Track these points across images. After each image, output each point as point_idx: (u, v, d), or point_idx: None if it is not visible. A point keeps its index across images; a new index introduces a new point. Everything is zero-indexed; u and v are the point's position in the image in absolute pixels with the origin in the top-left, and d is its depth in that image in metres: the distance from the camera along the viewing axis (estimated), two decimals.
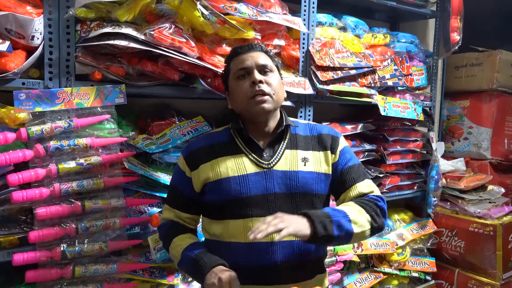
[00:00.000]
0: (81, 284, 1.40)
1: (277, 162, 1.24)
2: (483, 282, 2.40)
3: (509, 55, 2.76)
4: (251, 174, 1.22)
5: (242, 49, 1.29)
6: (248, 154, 1.25)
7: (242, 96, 1.24)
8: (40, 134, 1.33)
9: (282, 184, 1.22)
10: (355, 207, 1.19)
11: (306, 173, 1.23)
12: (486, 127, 2.79)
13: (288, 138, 1.29)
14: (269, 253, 1.18)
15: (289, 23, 1.80)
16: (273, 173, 1.22)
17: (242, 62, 1.26)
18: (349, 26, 2.21)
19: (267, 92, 1.22)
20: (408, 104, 2.36)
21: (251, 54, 1.27)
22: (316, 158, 1.27)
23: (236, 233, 1.21)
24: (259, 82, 1.21)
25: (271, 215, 1.10)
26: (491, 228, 2.36)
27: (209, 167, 1.25)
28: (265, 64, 1.26)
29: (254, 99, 1.21)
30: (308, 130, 1.34)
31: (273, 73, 1.27)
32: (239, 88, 1.25)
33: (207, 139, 1.34)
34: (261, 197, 1.20)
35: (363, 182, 1.28)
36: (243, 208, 1.21)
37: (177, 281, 1.64)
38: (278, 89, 1.26)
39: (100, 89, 1.44)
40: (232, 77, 1.29)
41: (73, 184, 1.38)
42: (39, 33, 1.32)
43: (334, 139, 1.31)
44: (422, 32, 2.81)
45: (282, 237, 1.02)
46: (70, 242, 1.39)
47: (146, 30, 1.43)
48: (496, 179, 2.75)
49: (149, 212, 1.57)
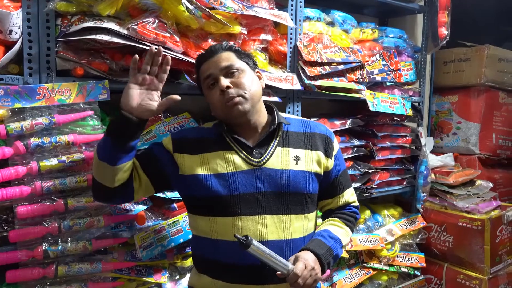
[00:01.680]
0: (65, 284, 1.38)
1: (267, 160, 1.23)
2: (471, 277, 2.41)
3: (496, 50, 2.78)
4: (241, 172, 1.21)
5: (204, 56, 1.29)
6: (238, 151, 1.25)
7: (217, 106, 1.25)
8: (20, 131, 1.30)
9: (272, 183, 1.21)
10: (344, 230, 1.31)
11: (297, 172, 1.22)
12: (475, 122, 2.81)
13: (280, 135, 1.27)
14: None
15: (276, 18, 1.78)
16: (264, 171, 1.21)
17: (206, 70, 1.27)
18: (337, 21, 2.20)
19: (236, 94, 1.21)
20: (397, 100, 2.36)
21: (213, 59, 1.26)
22: (308, 157, 1.26)
23: (224, 231, 1.20)
24: (227, 88, 1.21)
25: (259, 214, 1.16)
26: (479, 223, 2.38)
27: (198, 160, 1.24)
28: (229, 65, 1.24)
29: (228, 104, 1.22)
30: (301, 126, 1.32)
31: (241, 71, 1.26)
32: (212, 98, 1.26)
33: (198, 131, 1.34)
34: (251, 195, 1.19)
35: (349, 190, 1.38)
36: (232, 206, 1.19)
37: (164, 279, 1.63)
38: (250, 85, 1.24)
39: (82, 85, 1.41)
40: (204, 87, 1.30)
41: (55, 182, 1.35)
42: (17, 28, 1.28)
43: (329, 142, 1.32)
44: (410, 27, 2.81)
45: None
46: (52, 241, 1.36)
47: (129, 25, 1.40)
48: (484, 174, 2.77)
49: (134, 209, 1.55)
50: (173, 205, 1.64)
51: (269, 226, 1.19)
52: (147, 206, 1.59)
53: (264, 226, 1.18)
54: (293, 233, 1.21)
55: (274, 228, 1.19)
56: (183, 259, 1.69)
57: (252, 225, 1.18)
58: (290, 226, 1.21)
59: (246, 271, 1.17)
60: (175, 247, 1.64)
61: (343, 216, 1.34)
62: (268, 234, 1.18)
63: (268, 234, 1.18)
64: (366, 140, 2.30)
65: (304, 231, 1.25)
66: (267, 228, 1.18)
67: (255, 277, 1.18)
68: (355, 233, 2.27)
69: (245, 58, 1.31)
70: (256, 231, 1.18)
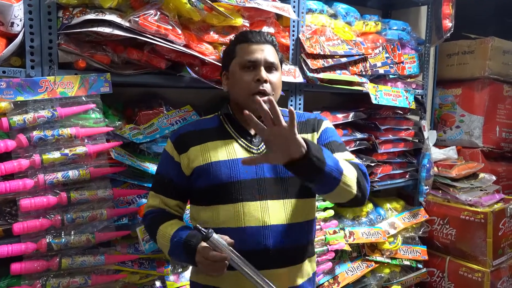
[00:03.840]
0: (68, 276, 1.39)
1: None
2: (474, 269, 2.42)
3: (501, 43, 2.75)
4: (241, 159, 1.20)
5: (254, 37, 1.27)
6: (238, 139, 1.27)
7: (243, 89, 1.24)
8: (23, 124, 1.30)
9: (271, 169, 1.23)
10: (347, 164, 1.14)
11: None
12: (478, 115, 2.79)
13: None
14: (261, 237, 1.18)
15: (279, 10, 1.77)
16: None
17: (251, 53, 1.25)
18: (340, 13, 2.18)
19: (268, 92, 1.23)
20: (399, 93, 2.35)
21: (261, 46, 1.26)
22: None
23: (226, 219, 1.21)
24: (264, 82, 1.22)
25: (261, 200, 1.18)
26: (482, 216, 2.37)
27: (199, 150, 1.25)
28: (273, 62, 1.26)
29: (255, 96, 1.20)
30: (297, 117, 1.32)
31: (277, 71, 1.29)
32: (242, 79, 1.25)
33: (195, 124, 1.34)
34: (251, 181, 1.21)
35: (343, 153, 1.26)
36: (233, 193, 1.21)
37: (166, 272, 1.63)
38: (278, 88, 1.29)
39: (84, 77, 1.40)
40: (237, 64, 1.27)
41: (58, 175, 1.35)
42: (19, 20, 1.28)
43: (318, 122, 1.34)
44: (414, 20, 2.79)
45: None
46: (56, 233, 1.37)
47: (131, 17, 1.39)
48: (488, 167, 2.76)
49: (137, 202, 1.55)
50: None
51: (271, 211, 1.20)
52: None
53: (266, 211, 1.19)
54: (295, 217, 1.22)
55: (276, 213, 1.20)
56: None
57: (255, 210, 1.19)
58: (291, 210, 1.22)
59: (249, 257, 1.15)
60: None
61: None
62: (270, 218, 1.19)
63: (270, 219, 1.19)
64: (368, 133, 2.29)
65: (306, 215, 1.26)
66: (269, 213, 1.19)
67: (258, 262, 1.16)
68: (357, 226, 2.27)
69: (282, 60, 1.35)
70: (258, 216, 1.19)
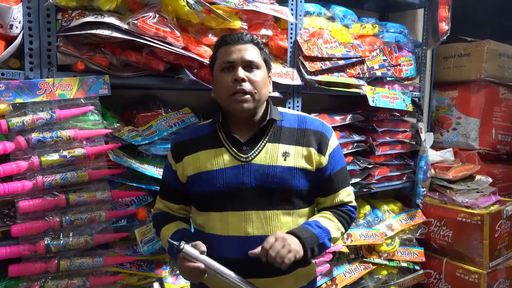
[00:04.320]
0: (67, 278, 1.39)
1: (256, 155, 1.22)
2: (471, 271, 2.43)
3: (497, 45, 2.77)
4: (229, 168, 1.21)
5: (231, 38, 1.25)
6: (228, 147, 1.25)
7: (223, 90, 1.22)
8: (21, 126, 1.31)
9: (259, 178, 1.20)
10: (335, 223, 1.26)
11: (285, 168, 1.21)
12: (474, 117, 2.81)
13: (272, 131, 1.26)
14: (244, 247, 1.17)
15: (277, 13, 1.78)
16: (251, 167, 1.21)
17: (228, 54, 1.23)
18: (337, 16, 2.19)
19: (248, 91, 1.19)
20: (397, 95, 2.36)
21: (239, 46, 1.23)
22: (298, 153, 1.24)
23: (214, 226, 1.23)
24: (242, 80, 1.19)
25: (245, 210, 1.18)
26: (478, 218, 2.38)
27: (191, 160, 1.27)
28: (251, 60, 1.22)
29: (235, 96, 1.19)
30: (297, 122, 1.30)
31: (259, 70, 1.24)
32: (221, 81, 1.23)
33: (193, 131, 1.34)
34: (237, 190, 1.20)
35: (346, 190, 1.32)
36: (220, 202, 1.22)
37: (165, 274, 1.63)
38: (262, 86, 1.23)
39: (83, 80, 1.41)
40: (217, 67, 1.26)
41: (57, 177, 1.35)
42: (18, 22, 1.28)
43: (323, 139, 1.27)
44: (411, 22, 2.81)
45: (288, 264, 1.08)
46: (54, 235, 1.37)
47: (130, 20, 1.40)
48: (484, 169, 2.77)
49: (135, 204, 1.56)
50: None
51: (254, 222, 1.19)
52: (148, 201, 1.60)
53: (249, 222, 1.19)
54: (280, 229, 1.20)
55: (259, 224, 1.19)
56: None
57: (238, 220, 1.19)
58: (276, 221, 1.20)
59: (234, 265, 1.17)
60: None
61: (336, 211, 1.30)
62: (253, 229, 1.19)
63: (253, 230, 1.19)
64: (366, 135, 2.30)
65: (293, 227, 1.22)
66: (252, 223, 1.19)
67: (243, 270, 1.17)
68: (355, 228, 2.28)
69: (266, 59, 1.29)
70: (241, 226, 1.19)
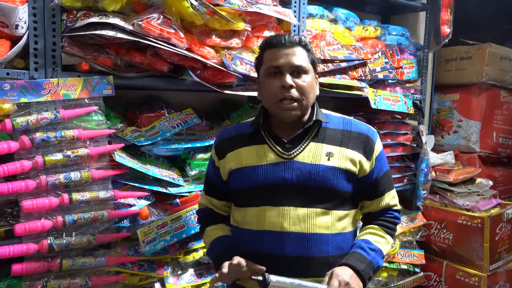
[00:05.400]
0: (69, 277, 1.39)
1: (299, 153, 1.22)
2: (471, 274, 2.43)
3: (498, 49, 2.78)
4: (271, 164, 1.22)
5: (278, 41, 1.22)
6: (271, 144, 1.26)
7: (270, 96, 1.22)
8: (26, 126, 1.31)
9: (301, 176, 1.20)
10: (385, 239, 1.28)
11: (328, 168, 1.20)
12: (475, 120, 2.82)
13: (316, 131, 1.26)
14: (278, 243, 1.18)
15: (280, 15, 1.79)
16: (294, 164, 1.21)
17: (275, 59, 1.21)
18: (340, 18, 2.20)
19: (296, 97, 1.19)
20: (398, 97, 2.37)
21: (286, 51, 1.20)
22: (342, 154, 1.23)
23: (251, 221, 1.23)
24: (289, 87, 1.18)
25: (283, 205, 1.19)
26: (479, 221, 2.39)
27: (233, 155, 1.29)
28: (300, 65, 1.20)
29: (282, 104, 1.19)
30: (342, 124, 1.30)
31: (307, 74, 1.22)
32: (268, 86, 1.22)
33: (235, 128, 1.37)
34: (277, 186, 1.20)
35: (390, 193, 1.32)
36: (259, 197, 1.22)
37: (166, 274, 1.64)
38: (309, 91, 1.22)
39: (87, 80, 1.41)
40: (263, 71, 1.25)
41: (60, 177, 1.36)
42: (23, 22, 1.29)
43: (369, 142, 1.27)
44: (413, 25, 2.82)
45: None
46: (57, 235, 1.38)
47: (134, 20, 1.41)
48: (485, 172, 2.78)
49: (138, 205, 1.56)
50: (176, 201, 1.65)
51: (291, 218, 1.18)
52: (151, 201, 1.60)
53: (286, 217, 1.19)
54: (317, 227, 1.19)
55: (296, 220, 1.18)
56: (185, 254, 1.71)
57: (275, 215, 1.19)
58: (314, 220, 1.19)
59: (268, 261, 1.17)
60: (178, 242, 1.65)
61: (384, 223, 1.29)
62: (289, 225, 1.18)
63: (289, 225, 1.18)
64: None
65: (332, 227, 1.21)
66: (289, 219, 1.19)
67: (276, 268, 1.17)
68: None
69: (313, 60, 1.27)
70: (278, 221, 1.19)
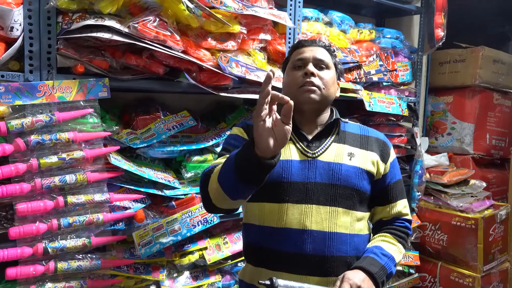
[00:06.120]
0: (64, 281, 1.38)
1: (322, 153, 1.25)
2: (465, 275, 2.45)
3: (491, 52, 2.81)
4: (295, 161, 1.23)
5: (306, 41, 1.34)
6: (295, 141, 1.27)
7: (292, 84, 1.28)
8: (21, 128, 1.30)
9: (324, 175, 1.22)
10: (397, 248, 1.28)
11: (350, 167, 1.23)
12: (469, 122, 2.84)
13: (337, 133, 1.30)
14: (299, 240, 1.18)
15: (275, 18, 1.79)
16: (317, 163, 1.23)
17: (301, 53, 1.31)
18: (335, 21, 2.21)
19: (316, 84, 1.25)
20: (393, 100, 2.38)
21: (311, 48, 1.31)
22: (363, 155, 1.27)
23: (270, 217, 1.22)
24: (311, 74, 1.25)
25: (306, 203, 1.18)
26: (472, 222, 2.41)
27: None
28: (322, 59, 1.29)
29: (303, 87, 1.24)
30: (359, 129, 1.35)
31: (329, 70, 1.30)
32: (292, 76, 1.29)
33: None
34: (301, 184, 1.21)
35: (402, 201, 1.34)
36: (282, 193, 1.21)
37: (162, 276, 1.63)
38: (330, 85, 1.28)
39: (82, 82, 1.41)
40: (289, 67, 1.33)
41: (55, 179, 1.35)
42: (18, 24, 1.28)
43: (386, 147, 1.33)
44: (407, 28, 2.84)
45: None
46: (52, 238, 1.37)
47: (130, 23, 1.41)
48: (478, 173, 2.80)
49: (133, 207, 1.56)
50: (172, 203, 1.65)
51: (313, 216, 1.19)
52: (146, 204, 1.60)
53: (308, 216, 1.19)
54: (338, 227, 1.20)
55: (318, 219, 1.19)
56: (181, 256, 1.70)
57: (297, 213, 1.19)
58: (335, 219, 1.20)
59: (287, 259, 1.17)
60: (173, 244, 1.65)
61: (395, 232, 1.30)
62: (311, 223, 1.18)
63: (311, 224, 1.18)
64: None
65: (351, 228, 1.22)
66: (311, 217, 1.19)
67: (295, 266, 1.18)
68: None
69: (337, 64, 1.35)
70: (300, 219, 1.19)
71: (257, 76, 1.74)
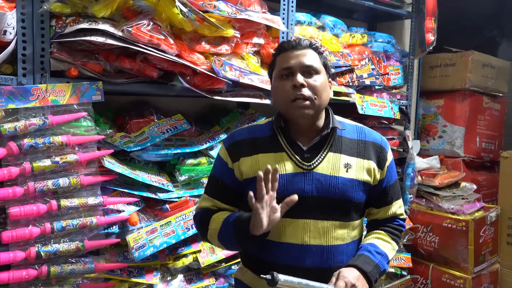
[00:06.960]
0: (57, 285, 1.38)
1: (318, 164, 1.21)
2: (456, 276, 2.48)
3: (480, 56, 2.86)
4: (290, 174, 1.20)
5: (288, 45, 1.24)
6: (290, 153, 1.22)
7: (282, 97, 1.21)
8: (14, 132, 1.30)
9: (320, 188, 1.19)
10: (391, 245, 1.29)
11: (346, 180, 1.20)
12: (459, 125, 2.88)
13: (333, 141, 1.24)
14: (299, 255, 1.18)
15: (268, 22, 1.81)
16: (313, 176, 1.20)
17: (286, 61, 1.22)
18: (327, 25, 2.24)
19: (307, 96, 1.17)
20: (385, 103, 2.41)
21: (297, 52, 1.22)
22: (359, 165, 1.23)
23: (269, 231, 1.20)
24: (301, 86, 1.17)
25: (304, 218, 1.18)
26: (463, 224, 2.44)
27: (249, 161, 1.23)
28: (310, 65, 1.20)
29: (295, 103, 1.18)
30: (356, 133, 1.29)
31: (319, 74, 1.22)
32: (280, 88, 1.22)
33: (249, 131, 1.30)
34: (299, 198, 1.17)
35: (398, 202, 1.34)
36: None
37: (155, 280, 1.63)
38: (322, 91, 1.21)
39: (76, 86, 1.41)
40: (275, 75, 1.25)
41: (48, 183, 1.35)
42: (11, 28, 1.28)
43: (382, 152, 1.28)
44: (398, 32, 2.87)
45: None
46: (45, 242, 1.36)
47: (124, 27, 1.41)
48: (469, 176, 2.84)
49: (127, 211, 1.55)
50: (166, 206, 1.65)
51: (312, 231, 1.18)
52: (140, 207, 1.60)
53: (307, 231, 1.18)
54: (335, 239, 1.20)
55: (316, 234, 1.18)
56: (175, 260, 1.70)
57: (295, 228, 1.18)
58: (333, 232, 1.20)
59: (287, 272, 1.14)
60: (167, 248, 1.65)
61: (390, 229, 1.31)
62: (310, 238, 1.18)
63: (310, 239, 1.18)
64: None
65: (347, 238, 1.23)
66: (309, 233, 1.18)
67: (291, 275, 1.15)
68: None
69: (326, 63, 1.27)
70: (299, 234, 1.18)
71: (251, 79, 1.75)
